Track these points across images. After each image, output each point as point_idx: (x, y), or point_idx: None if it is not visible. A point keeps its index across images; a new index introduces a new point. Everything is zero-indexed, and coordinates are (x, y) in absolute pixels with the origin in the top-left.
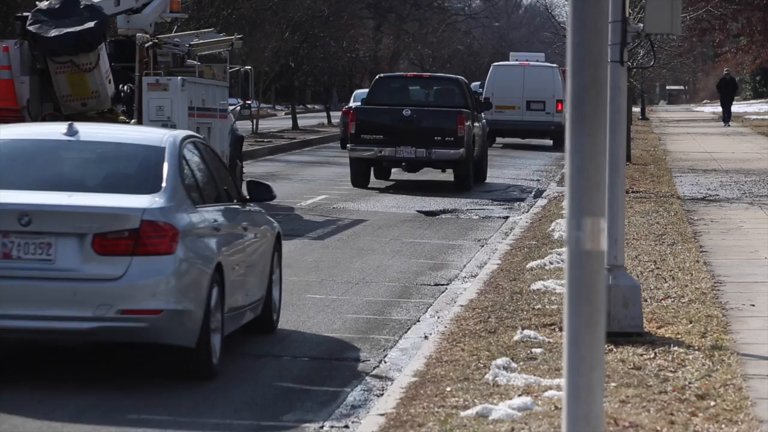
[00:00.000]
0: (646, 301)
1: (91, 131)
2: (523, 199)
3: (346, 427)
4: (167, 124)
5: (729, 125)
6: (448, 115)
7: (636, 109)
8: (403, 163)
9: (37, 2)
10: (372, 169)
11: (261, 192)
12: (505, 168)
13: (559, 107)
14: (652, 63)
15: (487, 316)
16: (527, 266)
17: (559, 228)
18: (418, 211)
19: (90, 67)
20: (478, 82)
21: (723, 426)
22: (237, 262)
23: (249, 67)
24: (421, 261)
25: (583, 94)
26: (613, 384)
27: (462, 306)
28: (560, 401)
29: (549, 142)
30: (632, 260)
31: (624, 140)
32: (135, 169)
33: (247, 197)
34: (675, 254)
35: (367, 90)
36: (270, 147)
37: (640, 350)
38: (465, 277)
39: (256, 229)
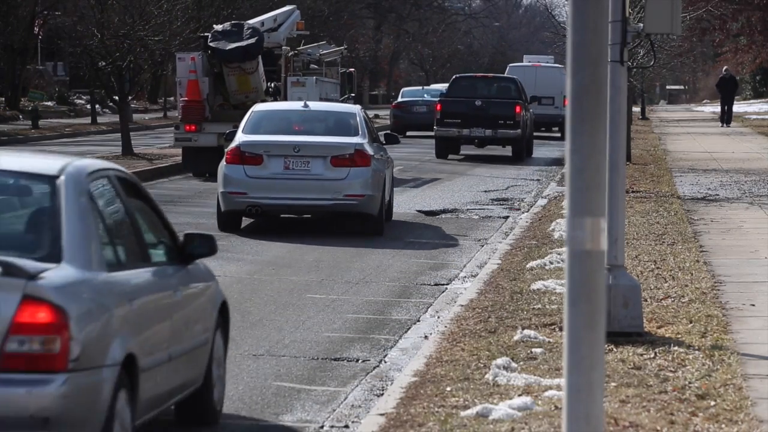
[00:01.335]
0: (646, 300)
1: (316, 105)
2: (523, 199)
3: (346, 427)
4: None
5: (729, 126)
6: (508, 105)
7: (636, 109)
8: (476, 140)
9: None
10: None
11: None
12: (505, 168)
13: (566, 102)
14: (652, 63)
15: (487, 315)
16: (527, 266)
17: (559, 228)
18: (418, 211)
19: (252, 70)
20: None
21: (723, 426)
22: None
23: (352, 69)
24: (421, 261)
25: (583, 93)
26: (613, 384)
27: (462, 306)
28: (560, 401)
29: (556, 135)
30: (632, 260)
31: (624, 140)
32: (343, 124)
33: None
34: (675, 254)
35: (413, 88)
36: None
37: (640, 350)
38: (465, 276)
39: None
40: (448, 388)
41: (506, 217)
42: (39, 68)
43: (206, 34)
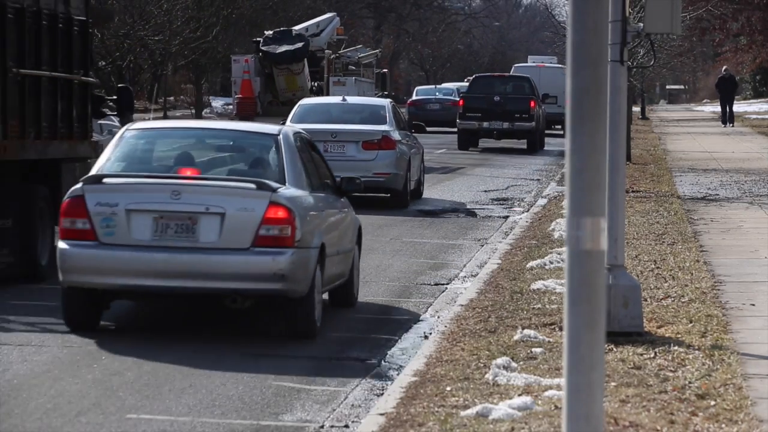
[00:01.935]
0: (646, 300)
1: (352, 99)
2: (523, 199)
3: (346, 426)
4: None
5: (731, 125)
6: (523, 100)
7: (636, 109)
8: (495, 132)
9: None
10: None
11: None
12: (505, 168)
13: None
14: (652, 63)
15: (487, 315)
16: (527, 266)
17: (559, 228)
18: (418, 211)
19: (299, 71)
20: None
21: (723, 425)
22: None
23: (385, 70)
24: (421, 261)
25: (583, 93)
26: (613, 383)
27: (462, 305)
28: (560, 401)
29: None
30: (632, 260)
31: (624, 140)
32: (374, 114)
33: None
34: (675, 254)
35: (426, 87)
36: None
37: (640, 350)
38: (465, 276)
39: None
40: (448, 388)
41: (506, 217)
42: None
43: (258, 39)
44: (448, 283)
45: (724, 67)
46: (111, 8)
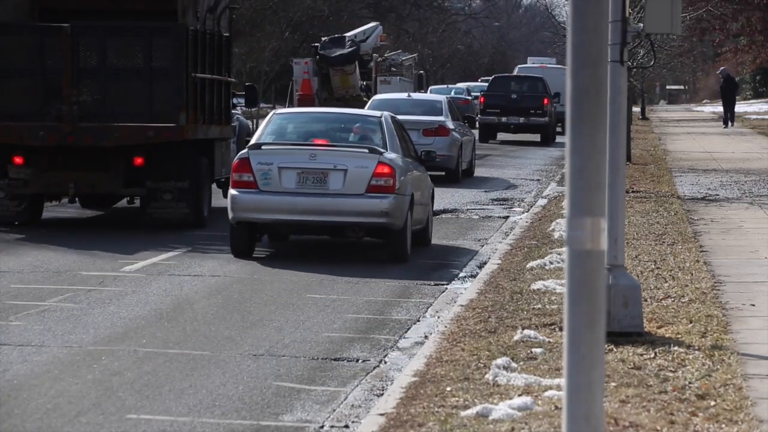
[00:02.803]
0: (646, 300)
1: (416, 95)
2: (523, 199)
3: (346, 426)
4: None
5: (731, 125)
6: (538, 98)
7: (636, 109)
8: (512, 126)
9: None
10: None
11: None
12: (505, 168)
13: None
14: (652, 63)
15: (487, 315)
16: (527, 266)
17: (559, 228)
18: None
19: (351, 72)
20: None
21: (723, 426)
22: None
23: (422, 71)
24: (421, 261)
25: (583, 94)
26: (613, 384)
27: (462, 306)
28: (560, 401)
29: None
30: (632, 260)
31: (624, 140)
32: (434, 107)
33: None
34: (675, 254)
35: (439, 86)
36: None
37: (640, 350)
38: (465, 277)
39: None
40: (448, 388)
41: (506, 217)
42: None
43: (316, 44)
44: (448, 284)
45: (721, 68)
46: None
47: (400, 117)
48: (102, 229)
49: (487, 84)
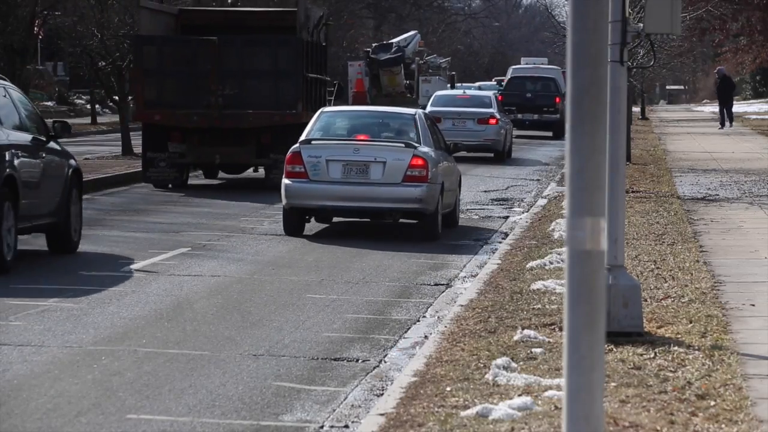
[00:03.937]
0: (646, 300)
1: (469, 91)
2: (523, 199)
3: (346, 427)
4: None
5: (730, 125)
6: (550, 97)
7: (636, 109)
8: (526, 122)
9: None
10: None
11: None
12: (505, 167)
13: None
14: (652, 63)
15: (487, 315)
16: (527, 266)
17: (559, 228)
18: None
19: (397, 72)
20: (502, 77)
21: (723, 426)
22: None
23: (454, 73)
24: (421, 261)
25: (583, 94)
26: (613, 384)
27: (462, 306)
28: (560, 401)
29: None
30: (632, 260)
31: (624, 140)
32: (484, 101)
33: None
34: (675, 254)
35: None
36: None
37: (640, 350)
38: (465, 277)
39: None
40: (448, 388)
41: (506, 217)
42: (39, 68)
43: (368, 49)
44: (448, 284)
45: (718, 68)
46: (111, 8)
47: (459, 109)
48: (102, 229)
49: (498, 83)
